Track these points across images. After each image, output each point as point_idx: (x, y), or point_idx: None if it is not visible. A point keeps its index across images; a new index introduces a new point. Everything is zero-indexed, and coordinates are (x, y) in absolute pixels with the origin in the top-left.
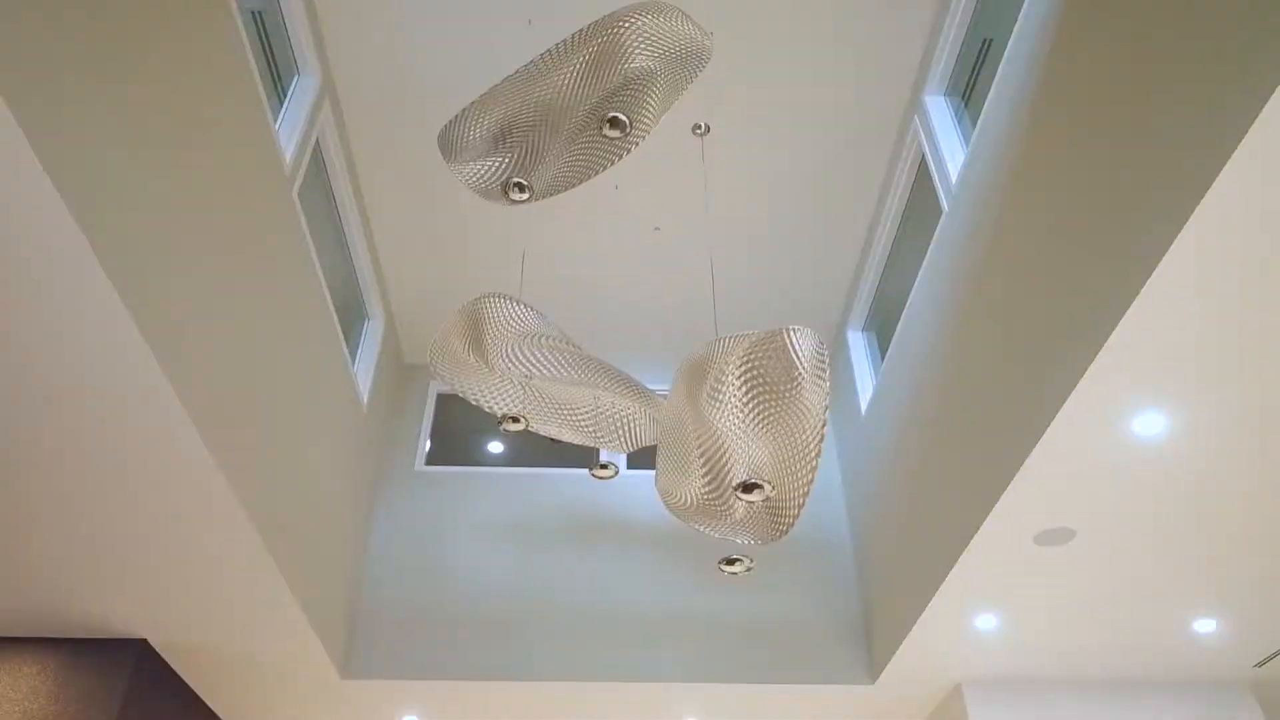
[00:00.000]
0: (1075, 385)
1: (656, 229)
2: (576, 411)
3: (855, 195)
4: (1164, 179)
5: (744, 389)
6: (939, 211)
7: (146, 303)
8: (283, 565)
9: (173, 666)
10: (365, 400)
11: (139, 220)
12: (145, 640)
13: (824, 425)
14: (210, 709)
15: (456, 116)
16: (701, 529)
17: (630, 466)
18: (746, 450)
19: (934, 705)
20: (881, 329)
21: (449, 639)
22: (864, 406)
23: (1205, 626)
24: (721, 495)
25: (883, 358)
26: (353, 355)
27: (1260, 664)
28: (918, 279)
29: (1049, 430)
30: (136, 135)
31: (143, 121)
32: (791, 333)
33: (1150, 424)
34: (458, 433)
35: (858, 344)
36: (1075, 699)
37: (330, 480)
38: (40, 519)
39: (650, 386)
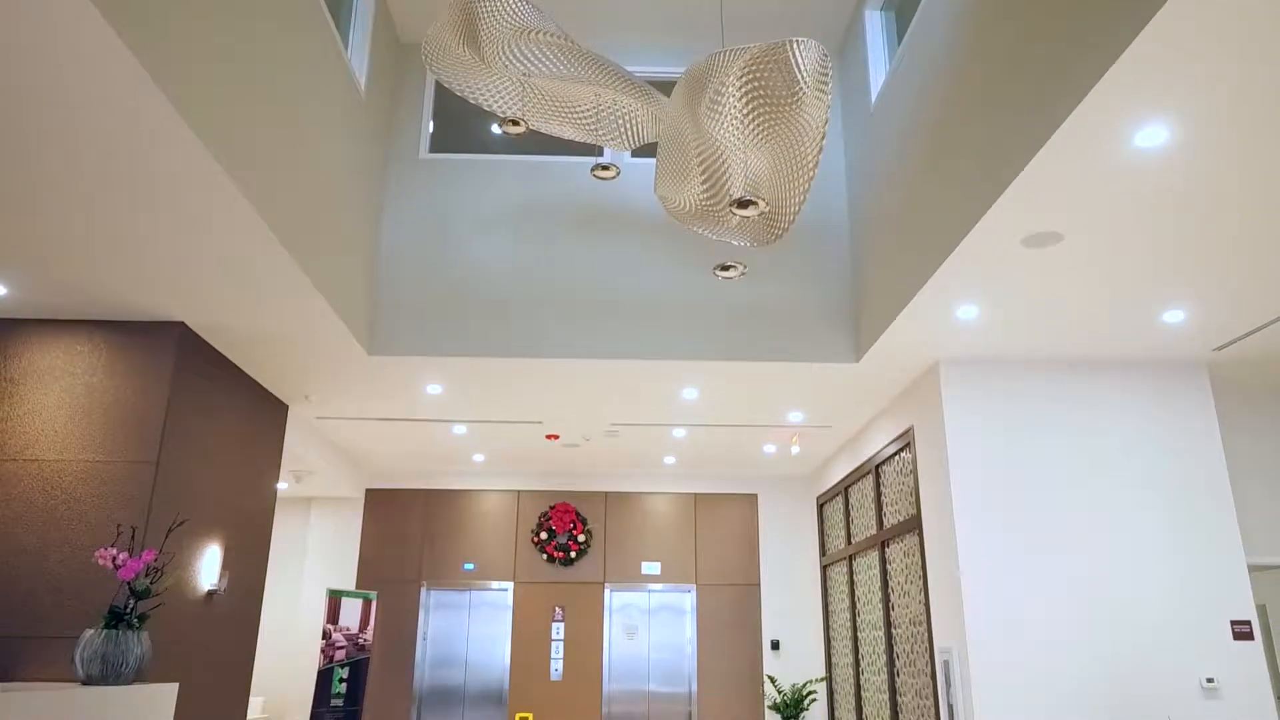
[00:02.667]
0: (1088, 92)
1: None
2: (577, 109)
3: None
4: None
5: (744, 101)
6: None
7: (128, 17)
8: (295, 252)
9: (214, 345)
10: (363, 86)
11: None
12: (183, 323)
13: (823, 138)
14: (256, 381)
15: None
16: (700, 232)
17: (634, 155)
18: (744, 162)
19: (910, 380)
20: (902, 9)
21: (464, 319)
22: (874, 96)
23: (1174, 317)
24: (719, 203)
25: (900, 42)
26: (345, 39)
27: (1220, 348)
28: None
29: (1054, 137)
30: None
31: None
32: (795, 45)
33: (1153, 136)
34: (460, 115)
35: (875, 25)
36: (1038, 375)
37: (335, 171)
38: (71, 217)
39: (650, 73)
